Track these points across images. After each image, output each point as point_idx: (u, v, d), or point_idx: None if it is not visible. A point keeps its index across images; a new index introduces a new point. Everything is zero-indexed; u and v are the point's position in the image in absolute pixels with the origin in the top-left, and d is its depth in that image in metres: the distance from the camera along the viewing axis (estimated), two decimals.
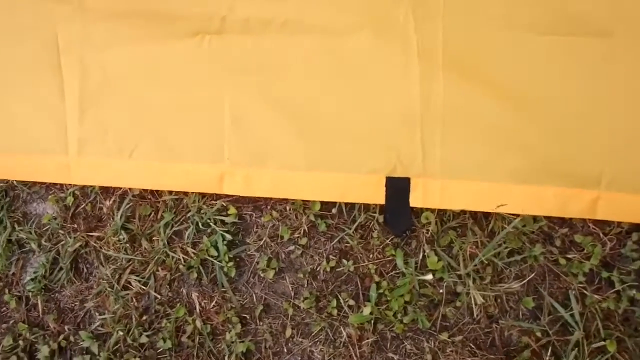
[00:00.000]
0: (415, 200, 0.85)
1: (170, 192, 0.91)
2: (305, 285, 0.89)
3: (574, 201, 0.83)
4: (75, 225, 0.95)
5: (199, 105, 0.87)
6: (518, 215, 0.86)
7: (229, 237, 0.88)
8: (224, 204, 0.90)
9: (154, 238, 0.91)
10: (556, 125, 0.83)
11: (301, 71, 0.86)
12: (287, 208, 0.90)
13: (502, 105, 0.83)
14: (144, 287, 0.89)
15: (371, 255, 0.89)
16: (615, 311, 0.85)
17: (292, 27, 0.85)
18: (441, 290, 0.87)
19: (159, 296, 0.89)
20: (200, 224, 0.90)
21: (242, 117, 0.87)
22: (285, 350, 0.89)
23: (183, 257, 0.89)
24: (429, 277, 0.85)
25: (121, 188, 0.92)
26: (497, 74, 0.83)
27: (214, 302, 0.89)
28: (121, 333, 0.89)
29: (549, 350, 0.85)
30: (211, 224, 0.89)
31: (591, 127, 0.82)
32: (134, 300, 0.89)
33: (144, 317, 0.89)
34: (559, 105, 0.82)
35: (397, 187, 0.85)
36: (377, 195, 0.85)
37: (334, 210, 0.89)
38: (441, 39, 0.84)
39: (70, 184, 0.95)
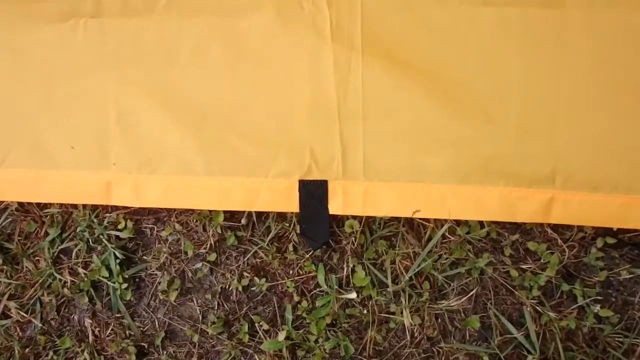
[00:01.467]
0: (335, 207, 0.71)
1: (60, 205, 0.79)
2: (216, 308, 0.77)
3: (523, 203, 0.69)
4: None
5: (77, 103, 0.73)
6: (462, 222, 0.73)
7: (121, 255, 0.76)
8: (118, 217, 0.78)
9: (37, 258, 0.78)
10: (498, 115, 0.68)
11: (193, 59, 0.71)
12: (191, 219, 0.77)
13: (433, 94, 0.69)
14: (26, 315, 0.77)
15: (290, 272, 0.76)
16: (578, 330, 0.72)
17: (179, 7, 0.71)
18: (367, 311, 0.74)
19: (42, 326, 0.77)
20: (90, 241, 0.78)
21: (129, 115, 0.72)
22: None
23: (71, 280, 0.77)
24: (353, 295, 0.72)
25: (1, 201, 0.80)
26: (427, 58, 0.69)
27: (110, 329, 0.77)
28: None
29: None
30: (103, 240, 0.76)
31: (540, 116, 0.67)
32: (17, 330, 0.78)
33: (27, 350, 0.77)
34: (500, 92, 0.68)
35: (313, 192, 0.71)
36: (290, 202, 0.71)
37: (243, 221, 0.76)
38: (360, 15, 0.69)
39: None
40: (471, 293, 0.72)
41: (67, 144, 0.73)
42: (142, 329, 0.77)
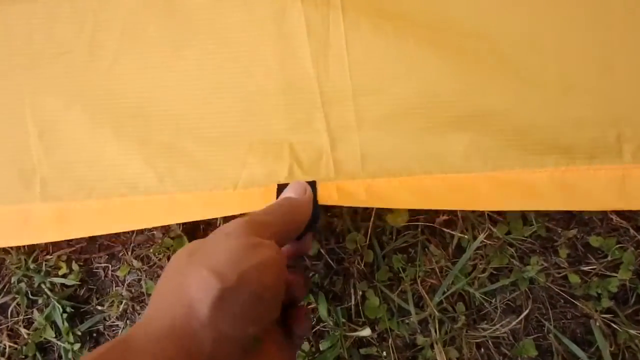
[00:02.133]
0: (328, 199, 0.52)
1: None
2: None
3: (582, 187, 0.51)
4: None
5: None
6: (498, 220, 0.55)
7: (69, 307, 0.60)
8: (59, 259, 0.61)
9: None
10: (531, 73, 0.50)
11: (124, 46, 0.54)
12: (152, 251, 0.61)
13: (443, 55, 0.51)
14: None
15: None
16: None
17: None
18: (386, 350, 0.56)
19: None
20: (30, 292, 0.62)
21: (53, 128, 0.56)
22: None
23: (11, 344, 0.61)
24: (366, 332, 0.55)
25: None
26: (431, 6, 0.51)
27: None
28: None
29: None
30: (45, 290, 0.61)
31: (589, 66, 0.49)
32: None
33: None
34: (530, 43, 0.50)
35: None
36: None
37: None
38: None
39: None
40: (524, 313, 0.55)
41: None
42: None
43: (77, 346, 0.60)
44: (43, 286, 0.61)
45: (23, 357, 0.61)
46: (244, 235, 0.35)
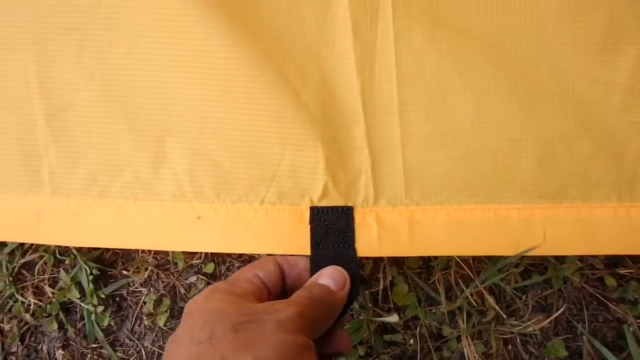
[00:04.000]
0: (366, 245, 0.48)
1: None
2: None
3: None
4: None
5: None
6: None
7: (95, 270, 0.60)
8: None
9: None
10: (598, 103, 0.47)
11: (147, 26, 0.50)
12: None
13: (504, 70, 0.48)
14: None
15: None
16: None
17: None
18: (412, 338, 0.56)
19: (6, 358, 0.62)
20: (57, 252, 0.62)
21: (63, 112, 0.51)
22: None
23: (36, 302, 0.62)
24: (393, 318, 0.54)
25: None
26: (492, 17, 0.48)
27: None
28: None
29: None
30: (73, 250, 0.61)
31: None
32: None
33: None
34: (598, 77, 0.47)
35: (332, 225, 0.48)
36: (297, 241, 0.48)
37: None
38: None
39: None
40: (556, 313, 0.53)
41: None
42: None
43: (100, 308, 0.59)
44: (71, 246, 0.61)
45: (47, 315, 0.61)
46: (297, 332, 0.32)
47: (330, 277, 0.40)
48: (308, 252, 0.46)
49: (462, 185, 0.48)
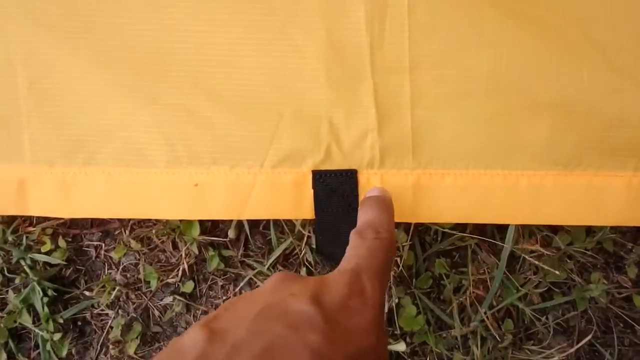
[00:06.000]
0: None
1: None
2: None
3: None
4: None
5: None
6: (558, 227, 0.48)
7: (51, 290, 0.51)
8: (43, 232, 0.52)
9: None
10: (629, 63, 0.42)
11: None
12: (155, 232, 0.52)
13: (523, 31, 0.43)
14: None
15: None
16: None
17: None
18: None
19: None
20: (6, 270, 0.53)
21: (46, 77, 0.46)
22: None
23: None
24: (401, 347, 0.47)
25: None
26: None
27: None
28: None
29: None
30: (25, 267, 0.52)
31: None
32: None
33: None
34: (631, 34, 0.42)
35: (336, 188, 0.45)
36: (300, 205, 0.45)
37: (230, 234, 0.51)
38: None
39: None
40: (585, 339, 0.48)
41: None
42: None
43: (57, 336, 0.51)
44: (22, 263, 0.52)
45: None
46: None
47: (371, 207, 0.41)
48: (312, 217, 0.45)
49: (471, 149, 0.45)
